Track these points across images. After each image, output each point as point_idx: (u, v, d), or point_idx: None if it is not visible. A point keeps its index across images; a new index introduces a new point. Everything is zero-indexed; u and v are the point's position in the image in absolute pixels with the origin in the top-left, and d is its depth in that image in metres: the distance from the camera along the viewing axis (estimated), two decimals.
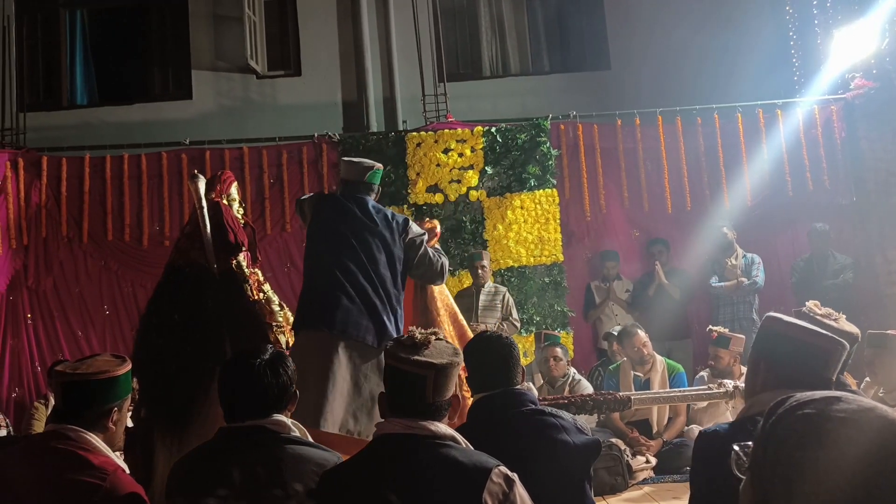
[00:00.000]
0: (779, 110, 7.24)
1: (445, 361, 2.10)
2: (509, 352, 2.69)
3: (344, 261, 3.67)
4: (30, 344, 6.88)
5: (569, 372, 5.79)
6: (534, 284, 6.99)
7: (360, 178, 3.87)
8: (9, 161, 6.91)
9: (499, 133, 7.19)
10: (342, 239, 3.72)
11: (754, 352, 2.16)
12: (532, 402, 2.66)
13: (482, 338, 2.80)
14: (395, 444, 2.07)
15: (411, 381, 2.08)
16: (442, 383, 2.09)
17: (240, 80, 8.27)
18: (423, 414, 2.07)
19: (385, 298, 3.68)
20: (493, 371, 2.65)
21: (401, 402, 2.10)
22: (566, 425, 2.61)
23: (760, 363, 2.10)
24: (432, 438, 2.05)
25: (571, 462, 2.56)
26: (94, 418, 2.35)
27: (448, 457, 2.01)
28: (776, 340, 2.07)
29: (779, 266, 7.13)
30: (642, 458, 5.12)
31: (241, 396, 2.36)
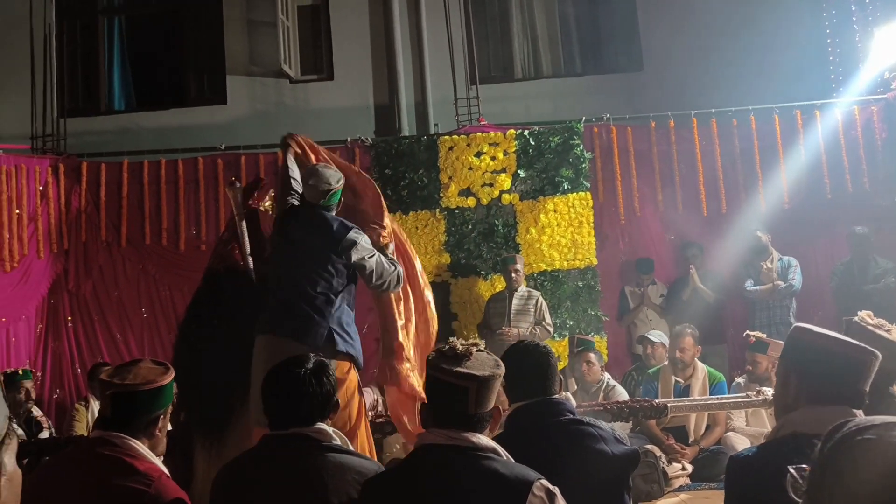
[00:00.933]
0: (817, 111, 7.13)
1: (488, 373, 2.10)
2: (546, 361, 2.69)
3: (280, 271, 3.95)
4: (70, 346, 7.02)
5: (603, 377, 5.75)
6: (567, 289, 6.96)
7: (317, 201, 3.99)
8: (50, 167, 7.05)
9: (531, 136, 7.16)
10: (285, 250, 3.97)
11: (784, 365, 2.12)
12: (570, 412, 2.65)
13: (519, 347, 2.79)
14: (436, 454, 2.07)
15: (453, 393, 2.08)
16: (484, 395, 2.09)
17: (273, 85, 8.34)
18: (465, 425, 2.07)
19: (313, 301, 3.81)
20: (530, 380, 2.64)
21: (443, 413, 2.11)
22: (605, 435, 2.60)
23: (791, 376, 2.05)
24: (474, 450, 2.04)
25: (610, 472, 2.54)
26: (141, 426, 2.40)
27: (489, 469, 2.01)
28: (806, 352, 2.03)
29: (817, 270, 7.01)
30: (678, 465, 5.07)
31: (286, 405, 2.39)
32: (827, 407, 1.91)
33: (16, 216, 6.69)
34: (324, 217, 3.94)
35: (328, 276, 3.87)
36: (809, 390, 1.98)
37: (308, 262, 3.87)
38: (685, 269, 6.97)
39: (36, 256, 6.83)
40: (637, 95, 7.77)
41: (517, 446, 2.25)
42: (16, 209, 6.70)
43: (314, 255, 3.89)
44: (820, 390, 1.97)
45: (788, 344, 2.13)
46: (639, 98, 7.67)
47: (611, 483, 2.55)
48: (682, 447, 5.27)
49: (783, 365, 2.12)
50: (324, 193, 3.94)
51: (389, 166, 7.17)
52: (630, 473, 2.64)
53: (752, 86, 7.39)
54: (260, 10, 8.32)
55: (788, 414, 2.00)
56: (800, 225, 7.04)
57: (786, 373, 2.09)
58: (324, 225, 3.91)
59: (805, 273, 6.74)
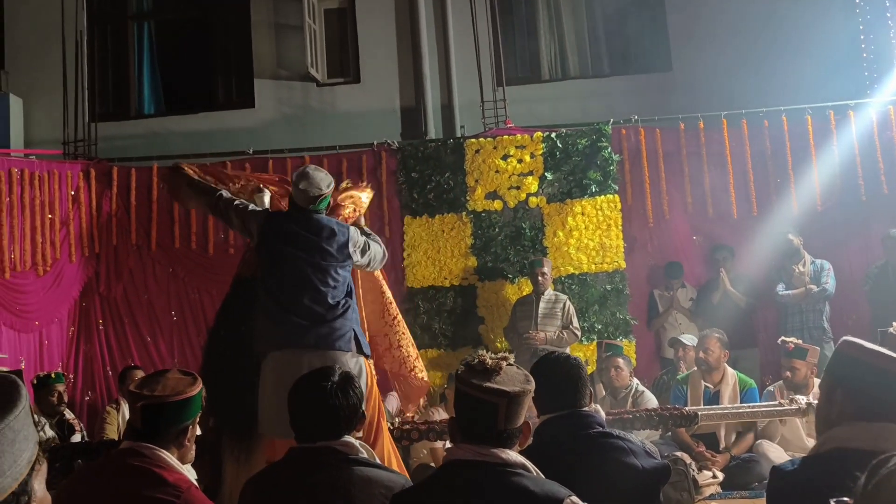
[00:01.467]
0: (851, 111, 6.99)
1: (518, 389, 2.08)
2: (577, 373, 2.66)
3: (289, 283, 3.81)
4: (101, 349, 7.11)
5: (632, 383, 5.68)
6: (595, 292, 6.90)
7: (307, 206, 3.89)
8: (82, 172, 7.15)
9: (559, 138, 7.12)
10: (285, 261, 3.84)
11: (829, 379, 2.06)
12: (600, 425, 2.63)
13: (550, 358, 2.78)
14: (465, 470, 2.06)
15: (483, 409, 2.06)
16: (514, 411, 2.06)
17: (300, 89, 8.38)
18: (495, 441, 2.05)
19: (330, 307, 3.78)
20: (560, 392, 2.62)
21: (472, 428, 2.09)
22: (635, 448, 2.57)
23: (836, 391, 1.99)
24: (503, 466, 2.03)
25: (639, 486, 2.52)
26: (171, 437, 2.42)
27: (519, 486, 1.99)
28: (855, 367, 1.97)
29: (851, 273, 6.88)
30: (709, 473, 4.99)
31: (313, 418, 2.39)
32: (873, 423, 1.87)
33: (48, 221, 6.79)
34: (323, 222, 3.89)
35: (340, 278, 3.86)
36: (855, 406, 1.93)
37: (318, 268, 3.82)
38: (715, 273, 6.88)
39: (68, 260, 6.93)
40: (666, 96, 7.68)
41: (546, 459, 2.23)
42: (48, 214, 6.80)
43: (323, 261, 3.83)
44: (865, 406, 1.91)
45: (836, 358, 2.07)
46: (668, 99, 7.58)
47: (640, 497, 2.52)
48: (713, 454, 5.19)
49: (829, 379, 2.07)
50: (314, 198, 3.87)
51: (416, 169, 7.16)
52: (660, 488, 2.61)
53: (784, 86, 7.27)
54: (287, 14, 8.37)
55: (832, 429, 1.95)
56: (833, 227, 6.92)
57: (831, 388, 2.03)
58: (327, 230, 3.87)
59: (839, 276, 6.62)
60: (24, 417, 1.22)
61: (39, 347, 6.74)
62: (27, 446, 1.21)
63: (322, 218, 3.91)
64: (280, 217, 3.97)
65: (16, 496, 1.17)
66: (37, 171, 6.81)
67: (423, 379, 4.52)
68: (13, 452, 1.18)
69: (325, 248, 3.83)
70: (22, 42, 8.45)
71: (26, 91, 8.28)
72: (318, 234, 3.85)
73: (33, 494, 1.20)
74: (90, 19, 8.42)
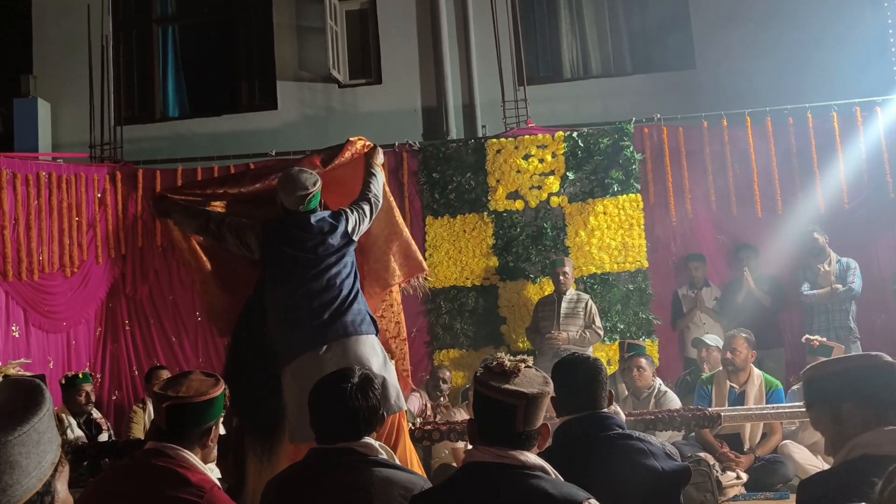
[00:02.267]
0: (878, 107, 6.89)
1: (536, 391, 2.07)
2: (596, 374, 2.65)
3: (301, 288, 3.73)
4: (128, 349, 7.21)
5: (654, 384, 5.64)
6: (617, 292, 6.87)
7: (296, 207, 3.84)
8: (108, 175, 7.25)
9: (580, 138, 7.09)
10: (295, 266, 3.76)
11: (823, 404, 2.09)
12: (619, 426, 2.61)
13: (569, 359, 2.77)
14: (484, 472, 2.06)
15: (501, 410, 2.06)
16: (532, 413, 2.07)
17: (322, 90, 8.43)
18: (513, 443, 2.05)
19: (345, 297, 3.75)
20: (579, 394, 2.61)
21: (490, 430, 2.09)
22: (654, 450, 2.55)
23: (842, 408, 2.02)
24: (522, 469, 2.02)
25: (659, 489, 2.49)
26: (195, 437, 2.45)
27: (538, 488, 1.99)
28: (855, 378, 2.03)
29: (879, 272, 6.77)
30: (732, 474, 4.95)
31: (332, 419, 2.41)
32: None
33: (76, 223, 6.90)
34: (319, 218, 3.85)
35: (349, 264, 3.84)
36: (873, 413, 1.95)
37: (328, 266, 3.77)
38: (739, 272, 6.80)
39: (95, 262, 7.04)
40: (689, 94, 7.61)
41: (564, 461, 2.22)
42: (76, 216, 6.90)
43: (330, 256, 3.79)
44: (882, 410, 1.94)
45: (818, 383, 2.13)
46: (691, 97, 7.52)
47: (660, 500, 2.50)
48: (737, 455, 5.14)
49: (823, 404, 2.09)
50: (302, 198, 3.82)
51: (437, 170, 7.18)
52: (680, 490, 2.59)
53: (809, 82, 7.18)
54: (309, 16, 8.42)
55: (859, 437, 1.96)
56: (860, 225, 6.82)
57: (833, 409, 2.05)
58: (326, 225, 3.84)
59: (866, 275, 6.51)
60: (48, 420, 1.25)
61: (67, 348, 6.85)
62: (51, 448, 1.24)
63: (316, 215, 3.86)
64: (277, 225, 3.89)
65: (40, 496, 1.20)
66: (64, 174, 6.92)
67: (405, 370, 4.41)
68: (38, 454, 1.21)
69: (329, 244, 3.80)
70: (49, 47, 8.59)
71: (54, 95, 8.42)
72: (319, 232, 3.81)
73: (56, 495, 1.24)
74: (115, 24, 8.54)
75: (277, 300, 3.82)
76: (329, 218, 3.89)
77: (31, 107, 8.26)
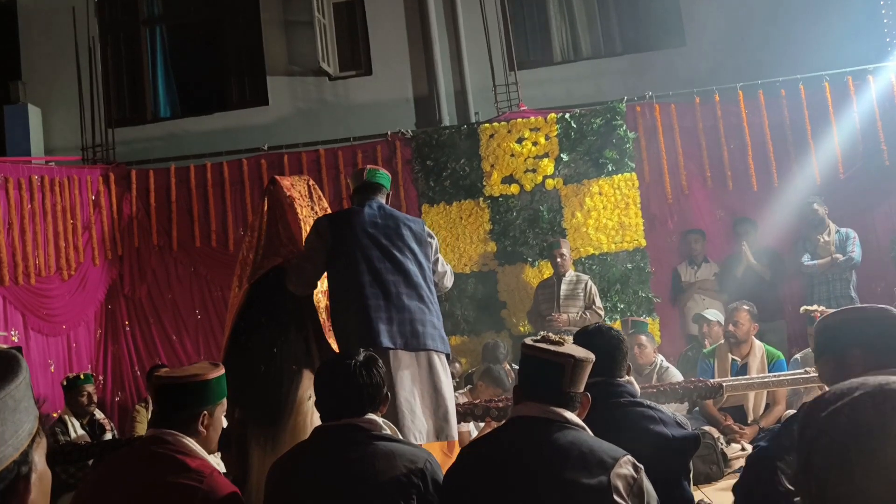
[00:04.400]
0: (870, 76, 6.86)
1: (582, 355, 2.22)
2: (615, 345, 2.69)
3: (386, 276, 3.53)
4: (129, 349, 7.20)
5: (656, 360, 5.64)
6: (616, 271, 6.85)
7: (359, 182, 3.75)
8: (101, 176, 7.24)
9: (573, 119, 7.07)
10: (375, 253, 3.57)
11: (833, 347, 2.17)
12: (630, 394, 2.63)
13: (592, 328, 2.80)
14: (530, 425, 2.18)
15: (550, 369, 2.20)
16: (578, 375, 2.20)
17: (313, 83, 8.40)
18: (558, 401, 2.18)
19: (430, 302, 3.60)
20: (594, 362, 2.62)
21: (537, 388, 2.22)
22: (665, 418, 2.58)
23: (850, 353, 2.09)
24: (566, 422, 2.15)
25: (668, 455, 2.51)
26: (185, 421, 2.43)
27: (582, 440, 2.11)
28: (865, 326, 2.11)
29: (877, 240, 6.76)
30: (737, 446, 4.94)
31: (337, 396, 2.44)
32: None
33: (71, 226, 6.88)
34: (389, 209, 3.73)
35: (427, 269, 3.65)
36: (883, 361, 1.99)
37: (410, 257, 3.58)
38: (737, 247, 6.79)
39: (92, 264, 7.03)
40: (680, 71, 7.58)
41: None
42: (70, 219, 6.89)
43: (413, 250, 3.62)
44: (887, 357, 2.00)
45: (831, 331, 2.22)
46: (682, 74, 7.49)
47: (670, 467, 2.51)
48: (741, 427, 5.14)
49: (834, 347, 2.17)
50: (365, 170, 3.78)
51: (430, 157, 7.16)
52: (690, 458, 2.61)
53: (800, 54, 7.15)
54: (296, 10, 8.37)
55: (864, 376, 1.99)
56: (857, 194, 6.81)
57: (842, 352, 2.11)
58: (399, 214, 3.71)
59: (864, 244, 6.51)
60: (25, 389, 1.23)
61: (68, 350, 6.84)
62: (27, 418, 1.23)
63: (386, 206, 3.73)
64: (345, 213, 3.72)
65: (17, 465, 1.18)
66: (57, 177, 6.90)
67: None
68: (14, 422, 1.19)
69: (412, 235, 3.62)
70: (37, 53, 8.55)
71: (44, 100, 8.39)
72: (393, 217, 3.65)
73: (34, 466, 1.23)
74: (102, 27, 8.50)
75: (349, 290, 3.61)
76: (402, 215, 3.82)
77: (22, 113, 8.22)
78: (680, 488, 2.53)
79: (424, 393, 3.50)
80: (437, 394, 3.53)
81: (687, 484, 2.57)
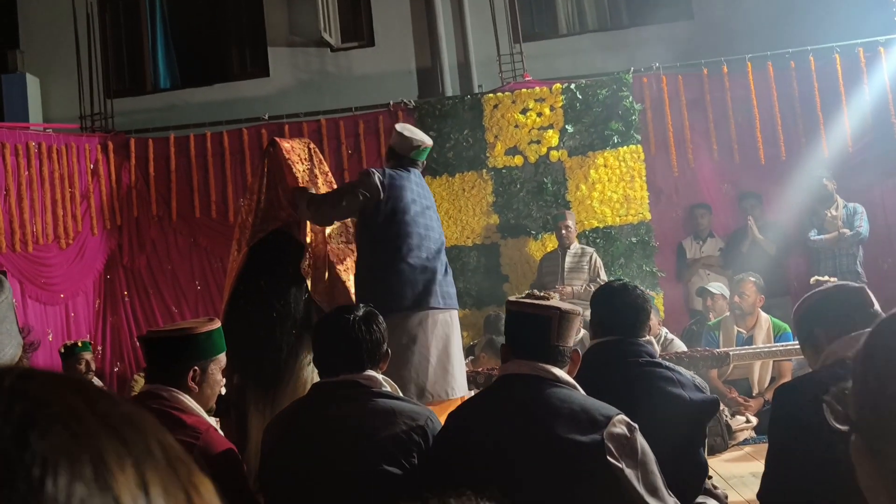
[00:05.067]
0: (881, 48, 6.74)
1: (568, 307, 2.18)
2: (639, 303, 2.62)
3: (431, 236, 3.80)
4: (128, 320, 7.15)
5: (660, 331, 5.58)
6: (620, 245, 6.78)
7: (406, 153, 3.88)
8: (99, 145, 7.15)
9: (578, 89, 6.96)
10: (422, 215, 3.81)
11: (805, 335, 2.27)
12: (649, 355, 2.57)
13: (617, 285, 2.72)
14: (520, 382, 2.13)
15: (536, 323, 2.14)
16: (565, 328, 2.14)
17: (315, 54, 8.28)
18: (547, 357, 2.12)
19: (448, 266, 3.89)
20: (616, 318, 2.59)
21: (525, 344, 2.17)
22: (683, 380, 2.52)
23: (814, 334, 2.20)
24: (556, 380, 2.10)
25: (684, 418, 2.46)
26: (173, 376, 2.38)
27: (574, 398, 2.06)
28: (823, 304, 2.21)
29: (885, 216, 6.68)
30: (742, 418, 4.90)
31: (335, 351, 2.38)
32: (852, 334, 1.99)
33: (69, 194, 6.80)
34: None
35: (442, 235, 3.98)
36: (842, 328, 2.07)
37: (437, 225, 3.89)
38: (743, 221, 6.71)
39: (90, 233, 6.95)
40: (688, 43, 7.45)
41: (591, 382, 2.23)
42: (69, 187, 6.80)
43: (437, 218, 3.94)
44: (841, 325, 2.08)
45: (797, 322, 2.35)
46: (690, 46, 7.36)
47: (685, 430, 2.46)
48: (746, 399, 5.10)
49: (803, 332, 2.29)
50: (414, 147, 3.89)
51: (433, 128, 7.05)
52: (706, 423, 2.58)
53: (811, 25, 7.02)
54: None
55: (829, 346, 2.11)
56: (866, 168, 6.70)
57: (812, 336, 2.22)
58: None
59: (872, 219, 6.43)
60: (7, 310, 1.17)
61: (66, 320, 6.78)
62: (10, 341, 1.17)
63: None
64: (399, 173, 3.84)
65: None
66: (55, 144, 6.80)
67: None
68: None
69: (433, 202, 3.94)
70: (36, 21, 8.43)
71: (42, 70, 8.28)
72: (425, 186, 3.94)
73: None
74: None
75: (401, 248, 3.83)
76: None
77: (20, 82, 8.12)
78: (695, 452, 2.47)
79: (459, 348, 3.81)
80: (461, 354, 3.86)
81: (703, 449, 2.52)
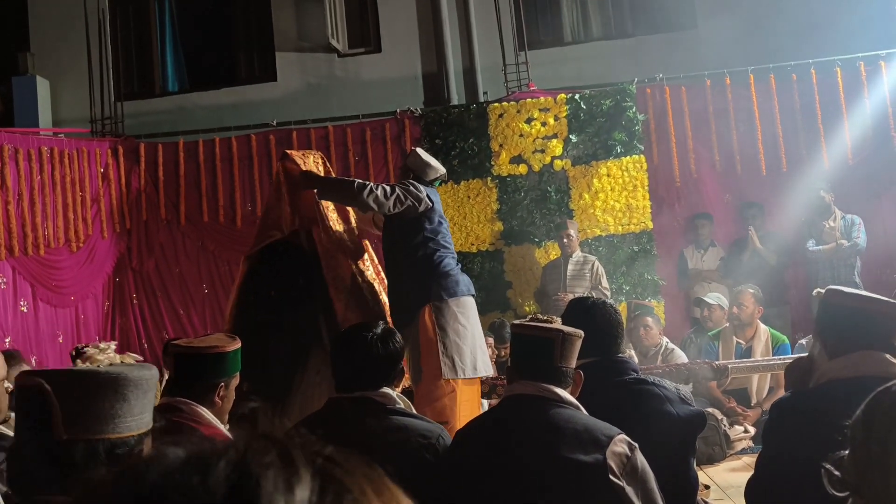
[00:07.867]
0: (882, 62, 6.83)
1: (570, 330, 2.24)
2: (614, 319, 2.66)
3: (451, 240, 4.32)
4: (136, 322, 7.25)
5: (661, 341, 5.67)
6: (622, 254, 6.87)
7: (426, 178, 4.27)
8: (110, 149, 7.24)
9: (582, 100, 7.05)
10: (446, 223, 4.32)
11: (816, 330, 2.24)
12: (634, 371, 2.62)
13: (585, 303, 2.77)
14: (525, 403, 2.18)
15: (540, 345, 2.20)
16: (568, 350, 2.20)
17: (322, 60, 8.37)
18: (551, 378, 2.18)
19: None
20: (595, 338, 2.58)
21: (529, 365, 2.23)
22: (670, 396, 2.56)
23: (817, 345, 2.18)
24: (560, 401, 2.15)
25: (674, 434, 2.51)
26: (202, 391, 2.45)
27: (577, 419, 2.11)
28: (835, 312, 2.14)
29: (884, 228, 6.76)
30: (740, 428, 4.99)
31: (352, 368, 2.43)
32: (850, 354, 2.02)
33: (79, 198, 6.90)
34: None
35: None
36: (841, 345, 2.06)
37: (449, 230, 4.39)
38: (744, 231, 6.80)
39: (100, 236, 7.05)
40: (692, 54, 7.53)
41: (584, 405, 2.26)
42: (79, 191, 6.90)
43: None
44: (839, 343, 2.07)
45: (820, 308, 2.25)
46: (693, 56, 7.44)
47: (675, 445, 2.51)
48: (744, 409, 5.18)
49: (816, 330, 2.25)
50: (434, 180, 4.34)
51: (439, 136, 7.15)
52: (696, 436, 2.60)
53: (812, 38, 7.10)
54: None
55: (824, 367, 2.11)
56: (865, 181, 6.80)
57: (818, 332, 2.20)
58: None
59: (871, 231, 6.51)
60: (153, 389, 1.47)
61: (76, 322, 6.88)
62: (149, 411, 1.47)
63: None
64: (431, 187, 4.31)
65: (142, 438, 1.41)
66: (66, 149, 6.90)
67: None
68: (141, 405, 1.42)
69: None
70: (46, 25, 8.52)
71: (53, 73, 8.36)
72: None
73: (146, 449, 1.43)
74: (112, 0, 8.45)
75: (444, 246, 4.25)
76: None
77: (30, 85, 8.20)
78: (686, 467, 2.54)
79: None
80: None
81: (693, 462, 2.58)
